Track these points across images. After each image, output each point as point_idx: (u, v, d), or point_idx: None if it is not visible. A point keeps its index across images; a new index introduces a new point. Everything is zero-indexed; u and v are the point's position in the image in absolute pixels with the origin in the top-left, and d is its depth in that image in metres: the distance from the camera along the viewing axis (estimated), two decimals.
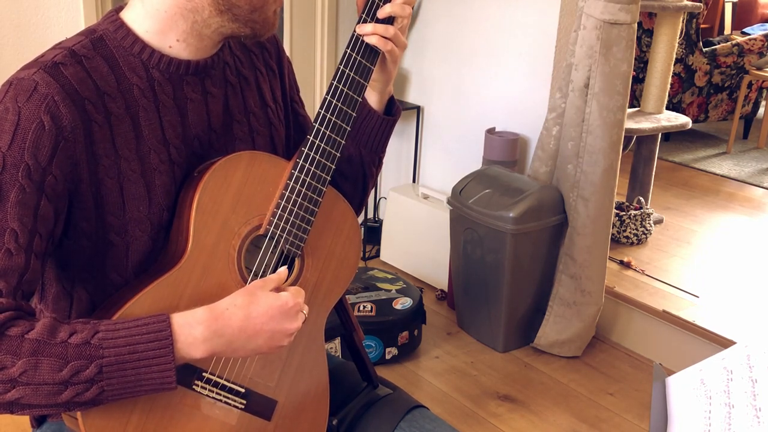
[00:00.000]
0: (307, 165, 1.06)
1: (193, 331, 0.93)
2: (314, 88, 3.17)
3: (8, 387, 0.87)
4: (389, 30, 1.08)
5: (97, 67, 0.98)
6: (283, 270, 1.04)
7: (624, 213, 3.27)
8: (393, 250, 3.22)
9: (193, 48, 1.03)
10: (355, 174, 1.23)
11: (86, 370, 0.88)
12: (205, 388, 1.01)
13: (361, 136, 1.19)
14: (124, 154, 1.00)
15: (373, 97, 1.17)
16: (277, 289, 1.01)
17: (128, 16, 1.02)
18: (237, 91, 1.12)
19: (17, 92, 0.93)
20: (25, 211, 0.92)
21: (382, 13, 1.07)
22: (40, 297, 1.09)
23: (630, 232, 3.24)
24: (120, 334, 0.90)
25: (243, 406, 1.05)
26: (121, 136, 0.99)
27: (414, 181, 3.28)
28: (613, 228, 3.00)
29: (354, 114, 1.08)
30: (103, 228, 1.00)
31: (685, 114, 4.05)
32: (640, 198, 3.38)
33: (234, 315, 0.95)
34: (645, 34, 4.14)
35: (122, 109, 0.99)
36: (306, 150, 1.06)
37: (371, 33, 1.07)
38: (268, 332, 0.98)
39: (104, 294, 1.04)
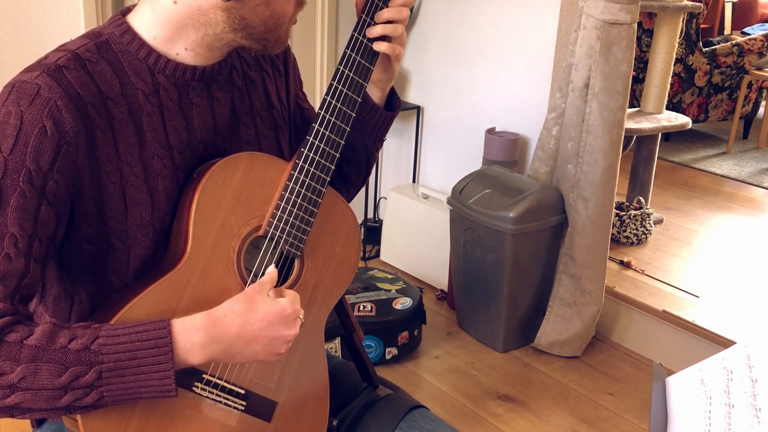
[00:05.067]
0: (306, 165, 1.06)
1: (191, 337, 0.93)
2: (314, 88, 3.17)
3: (8, 392, 0.87)
4: (397, 29, 1.08)
5: (101, 71, 0.98)
6: (272, 269, 1.04)
7: (624, 213, 3.27)
8: (393, 250, 3.22)
9: (201, 57, 1.03)
10: (359, 160, 1.24)
11: (85, 376, 0.88)
12: (205, 390, 1.01)
13: (365, 129, 1.20)
14: (127, 159, 0.99)
15: (376, 94, 1.18)
16: (277, 293, 1.01)
17: (136, 20, 1.01)
18: (243, 94, 1.12)
19: (20, 95, 0.92)
20: (25, 216, 0.91)
21: (380, 18, 1.08)
22: (40, 298, 1.09)
23: (630, 232, 3.24)
24: (120, 340, 0.90)
25: (243, 408, 1.05)
26: (124, 141, 0.99)
27: (414, 181, 3.28)
28: (613, 228, 3.00)
29: (354, 114, 1.08)
30: (105, 232, 1.00)
31: (685, 114, 4.05)
32: (640, 198, 3.38)
33: (232, 321, 0.95)
34: (645, 34, 4.14)
35: (125, 114, 0.99)
36: (305, 151, 1.06)
37: (380, 34, 1.07)
38: (266, 339, 0.97)
39: (105, 296, 1.04)
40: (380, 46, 1.08)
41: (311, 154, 1.06)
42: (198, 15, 0.98)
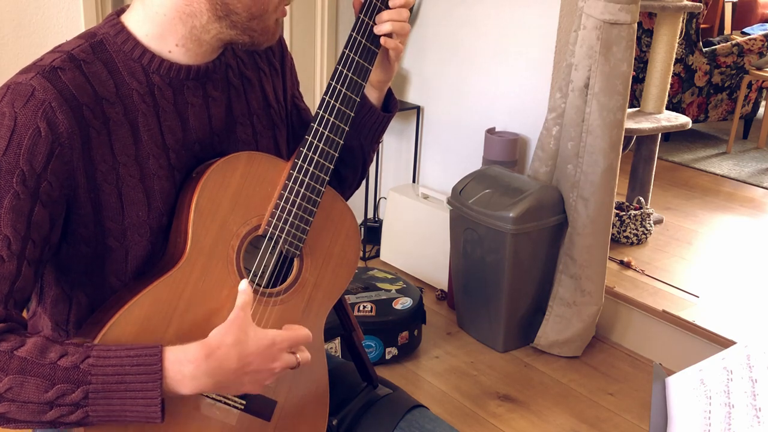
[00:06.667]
0: (305, 165, 1.06)
1: (182, 368, 0.91)
2: (314, 88, 3.17)
3: None
4: (403, 13, 1.08)
5: (96, 72, 0.98)
6: (243, 286, 0.99)
7: (624, 213, 3.27)
8: (393, 250, 3.22)
9: (192, 53, 1.02)
10: (355, 161, 1.24)
11: (72, 394, 0.88)
12: None
13: (362, 129, 1.20)
14: (123, 159, 0.99)
15: (373, 95, 1.18)
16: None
17: (129, 19, 1.01)
18: (240, 93, 1.11)
19: (14, 97, 0.92)
20: (19, 218, 0.91)
21: (380, 19, 1.08)
22: (39, 300, 1.09)
23: (630, 232, 3.24)
24: (110, 362, 0.89)
25: (242, 407, 1.05)
26: (120, 141, 0.99)
27: (414, 181, 3.28)
28: (613, 228, 3.00)
29: (352, 114, 1.09)
30: (102, 233, 1.00)
31: (685, 114, 4.05)
32: (640, 198, 3.38)
33: (226, 355, 0.93)
34: (645, 34, 4.14)
35: (121, 114, 0.99)
36: (305, 150, 1.06)
37: (388, 23, 1.07)
38: (254, 372, 0.97)
39: (104, 298, 1.04)
40: (384, 42, 1.08)
41: (310, 154, 1.06)
42: (183, 6, 0.98)
